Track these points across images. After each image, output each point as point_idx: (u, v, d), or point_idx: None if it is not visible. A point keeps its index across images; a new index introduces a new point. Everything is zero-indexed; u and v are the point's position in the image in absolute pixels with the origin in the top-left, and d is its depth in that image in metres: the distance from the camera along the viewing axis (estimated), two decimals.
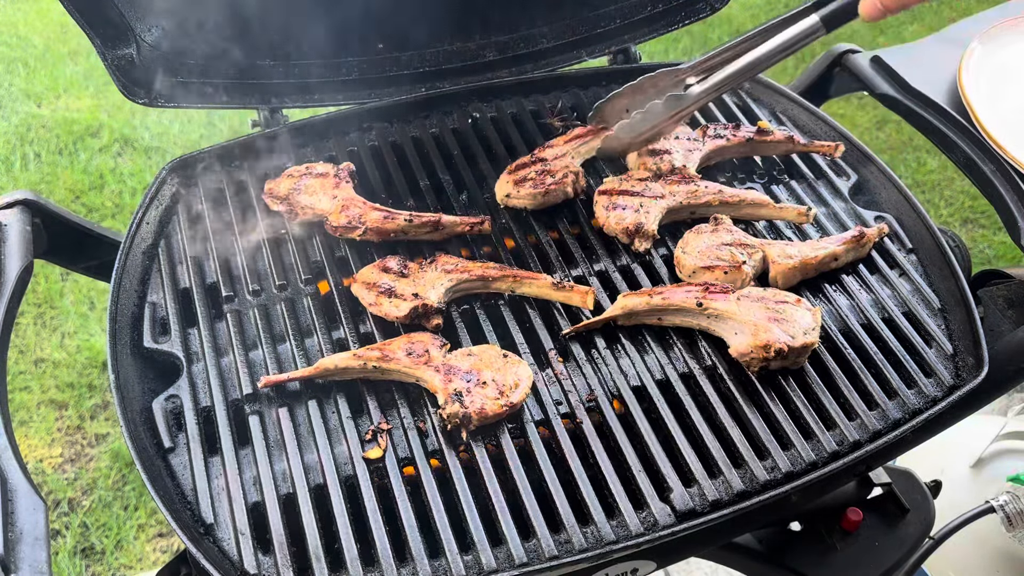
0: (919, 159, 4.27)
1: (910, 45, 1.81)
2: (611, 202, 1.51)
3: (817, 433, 1.25)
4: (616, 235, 1.49)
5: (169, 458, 1.20)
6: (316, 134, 1.70)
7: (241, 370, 1.30)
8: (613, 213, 1.49)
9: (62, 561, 2.60)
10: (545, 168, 1.55)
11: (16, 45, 4.73)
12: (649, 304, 1.33)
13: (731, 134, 1.64)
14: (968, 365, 1.34)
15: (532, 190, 1.52)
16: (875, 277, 1.48)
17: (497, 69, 1.82)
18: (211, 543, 1.12)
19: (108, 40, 1.51)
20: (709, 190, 1.52)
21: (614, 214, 1.49)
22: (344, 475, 1.19)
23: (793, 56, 1.38)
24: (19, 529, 0.99)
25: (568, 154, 1.60)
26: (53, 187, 3.86)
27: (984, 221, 3.95)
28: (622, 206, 1.49)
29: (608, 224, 1.49)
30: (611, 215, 1.49)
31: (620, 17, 1.85)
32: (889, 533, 1.59)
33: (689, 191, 1.51)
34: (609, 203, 1.51)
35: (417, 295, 1.34)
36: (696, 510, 1.16)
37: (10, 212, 1.39)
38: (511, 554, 1.11)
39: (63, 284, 3.43)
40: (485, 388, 1.23)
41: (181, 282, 1.43)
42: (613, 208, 1.50)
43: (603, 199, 1.52)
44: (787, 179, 1.65)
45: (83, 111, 4.30)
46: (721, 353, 1.34)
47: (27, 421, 2.99)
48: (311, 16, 1.63)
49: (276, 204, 1.53)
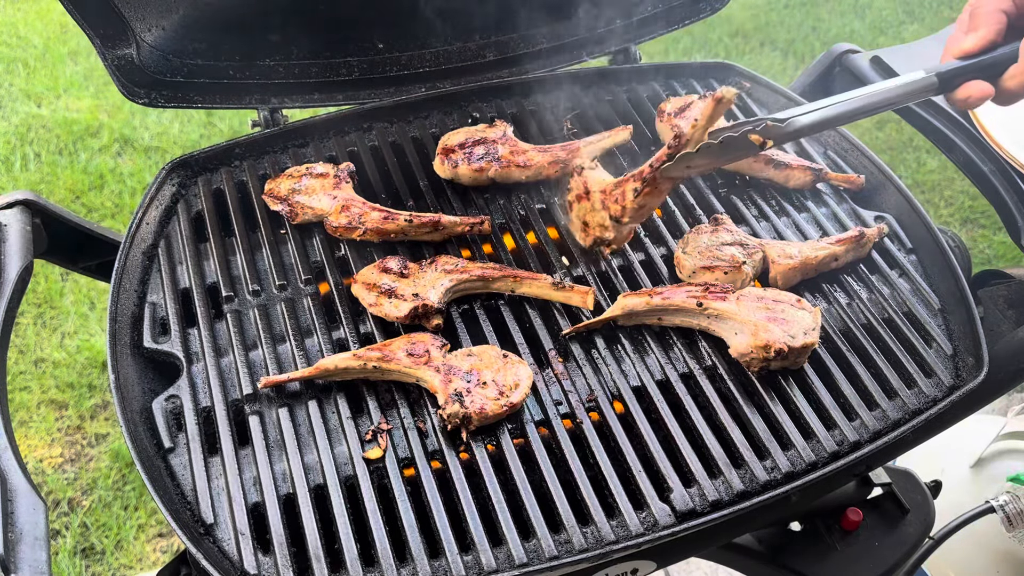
0: (919, 159, 4.27)
1: (910, 45, 1.81)
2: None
3: (817, 433, 1.25)
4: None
5: (169, 458, 1.20)
6: (316, 134, 1.70)
7: (241, 370, 1.30)
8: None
9: (62, 561, 2.60)
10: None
11: (16, 45, 4.73)
12: (649, 304, 1.33)
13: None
14: (968, 365, 1.34)
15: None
16: (875, 277, 1.48)
17: (497, 69, 1.82)
18: (211, 543, 1.12)
19: (108, 40, 1.51)
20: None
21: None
22: (344, 475, 1.19)
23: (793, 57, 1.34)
24: (19, 529, 0.99)
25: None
26: (53, 187, 3.86)
27: (984, 221, 3.96)
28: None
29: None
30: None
31: (620, 17, 1.85)
32: (889, 533, 1.59)
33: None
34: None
35: (417, 295, 1.34)
36: (696, 510, 1.16)
37: (10, 212, 1.39)
38: (511, 554, 1.11)
39: (63, 284, 3.43)
40: (485, 388, 1.23)
41: (181, 282, 1.43)
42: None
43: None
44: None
45: (83, 111, 4.30)
46: (721, 353, 1.34)
47: (27, 421, 2.99)
48: (311, 16, 1.63)
49: (276, 204, 1.53)
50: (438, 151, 1.61)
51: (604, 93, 1.82)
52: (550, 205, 1.59)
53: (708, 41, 5.01)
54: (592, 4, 1.81)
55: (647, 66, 1.86)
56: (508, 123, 1.67)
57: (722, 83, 1.85)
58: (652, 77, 1.86)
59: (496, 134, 1.63)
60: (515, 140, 1.63)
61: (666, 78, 1.86)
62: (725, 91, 1.17)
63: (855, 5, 5.37)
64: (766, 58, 4.88)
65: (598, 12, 1.82)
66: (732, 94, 1.17)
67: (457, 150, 1.59)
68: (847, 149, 1.69)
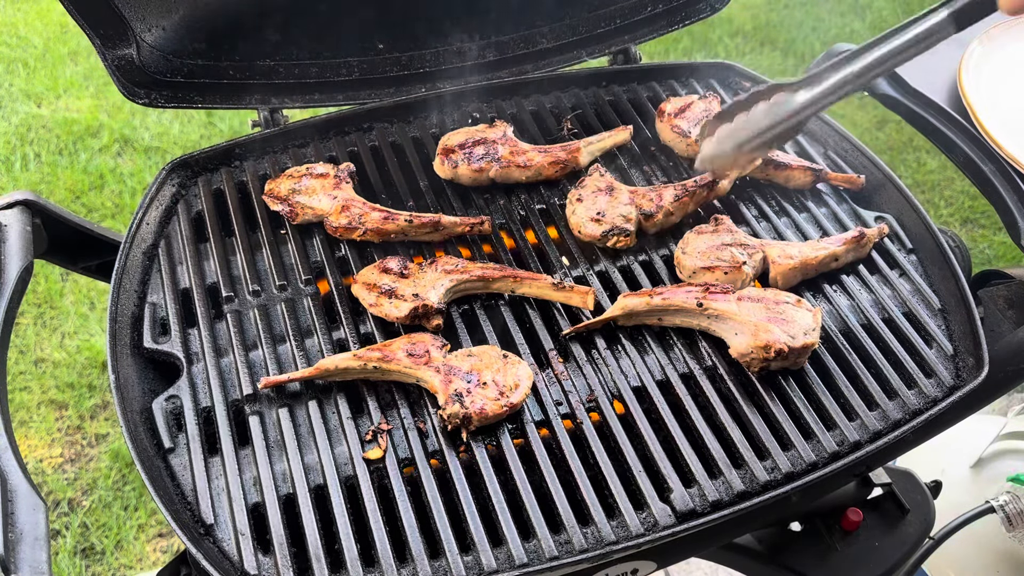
0: (919, 159, 4.27)
1: None
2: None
3: (817, 433, 1.25)
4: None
5: (169, 458, 1.20)
6: (316, 134, 1.70)
7: (241, 370, 1.30)
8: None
9: (62, 561, 2.60)
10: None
11: (16, 45, 4.73)
12: (649, 304, 1.33)
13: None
14: (968, 365, 1.34)
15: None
16: (875, 277, 1.48)
17: (497, 69, 1.82)
18: (211, 543, 1.12)
19: (108, 40, 1.51)
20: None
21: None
22: (344, 475, 1.19)
23: (793, 57, 1.34)
24: (19, 529, 0.99)
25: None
26: (53, 187, 3.86)
27: (984, 221, 3.96)
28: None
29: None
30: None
31: (620, 17, 1.85)
32: (889, 533, 1.59)
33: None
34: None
35: (417, 295, 1.34)
36: (696, 510, 1.16)
37: (10, 212, 1.39)
38: (511, 554, 1.11)
39: (63, 284, 3.43)
40: (485, 389, 1.23)
41: (181, 282, 1.43)
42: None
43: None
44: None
45: (83, 111, 4.30)
46: (721, 353, 1.34)
47: (27, 421, 2.99)
48: (311, 16, 1.63)
49: (276, 204, 1.53)
50: (438, 151, 1.61)
51: (604, 93, 1.82)
52: (550, 205, 1.59)
53: (708, 41, 5.01)
54: (592, 4, 1.81)
55: (647, 66, 1.86)
56: (508, 123, 1.67)
57: (722, 83, 1.86)
58: (652, 77, 1.86)
59: (496, 134, 1.63)
60: (515, 140, 1.63)
61: (666, 78, 1.86)
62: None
63: (855, 5, 5.37)
64: (766, 58, 4.88)
65: (598, 12, 1.82)
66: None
67: (457, 150, 1.59)
68: (847, 149, 1.69)
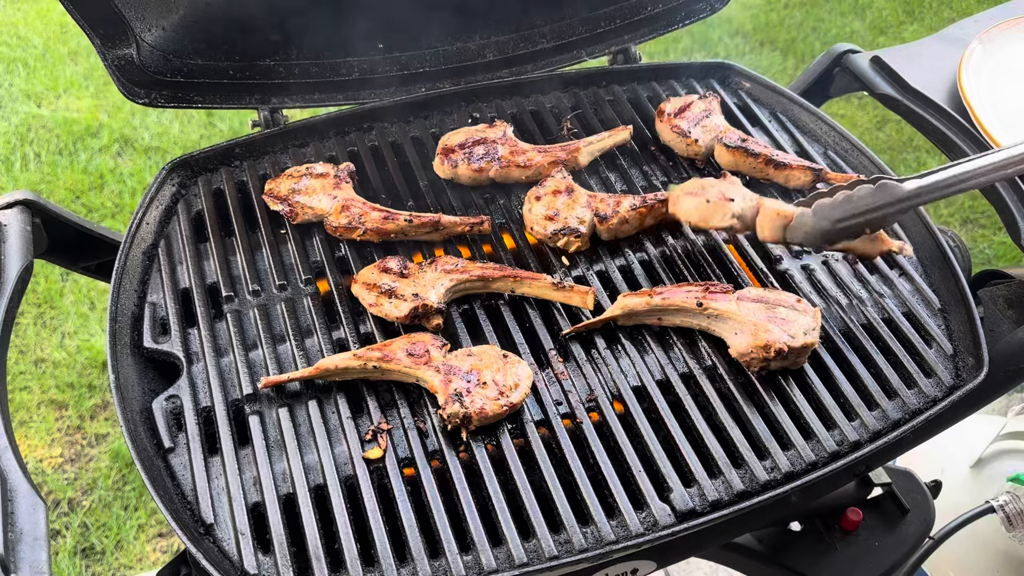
0: (919, 159, 4.27)
1: (910, 45, 1.81)
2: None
3: (817, 433, 1.25)
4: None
5: (169, 458, 1.20)
6: (316, 134, 1.70)
7: (241, 370, 1.30)
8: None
9: (62, 561, 2.60)
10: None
11: (16, 45, 4.73)
12: (649, 304, 1.33)
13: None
14: (968, 365, 1.34)
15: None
16: (875, 277, 1.48)
17: (497, 69, 1.82)
18: (211, 543, 1.12)
19: (108, 40, 1.51)
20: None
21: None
22: (344, 475, 1.19)
23: (793, 57, 1.34)
24: (19, 529, 0.99)
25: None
26: (53, 187, 3.86)
27: (984, 221, 3.96)
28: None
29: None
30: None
31: (620, 17, 1.85)
32: (889, 533, 1.59)
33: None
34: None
35: (417, 295, 1.34)
36: (696, 510, 1.16)
37: (10, 212, 1.39)
38: (511, 554, 1.11)
39: (63, 284, 3.43)
40: (485, 388, 1.23)
41: (181, 282, 1.43)
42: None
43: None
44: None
45: (83, 111, 4.30)
46: (721, 353, 1.34)
47: (27, 421, 2.99)
48: (311, 15, 1.63)
49: (276, 204, 1.53)
50: (438, 151, 1.61)
51: (604, 93, 1.82)
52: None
53: (708, 41, 5.01)
54: (592, 4, 1.81)
55: (647, 66, 1.86)
56: (508, 123, 1.67)
57: (722, 83, 1.86)
58: (652, 77, 1.86)
59: (496, 134, 1.63)
60: (515, 140, 1.63)
61: (666, 78, 1.86)
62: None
63: (855, 5, 5.37)
64: (766, 58, 4.88)
65: (598, 12, 1.82)
66: None
67: (457, 150, 1.59)
68: (847, 149, 1.69)
